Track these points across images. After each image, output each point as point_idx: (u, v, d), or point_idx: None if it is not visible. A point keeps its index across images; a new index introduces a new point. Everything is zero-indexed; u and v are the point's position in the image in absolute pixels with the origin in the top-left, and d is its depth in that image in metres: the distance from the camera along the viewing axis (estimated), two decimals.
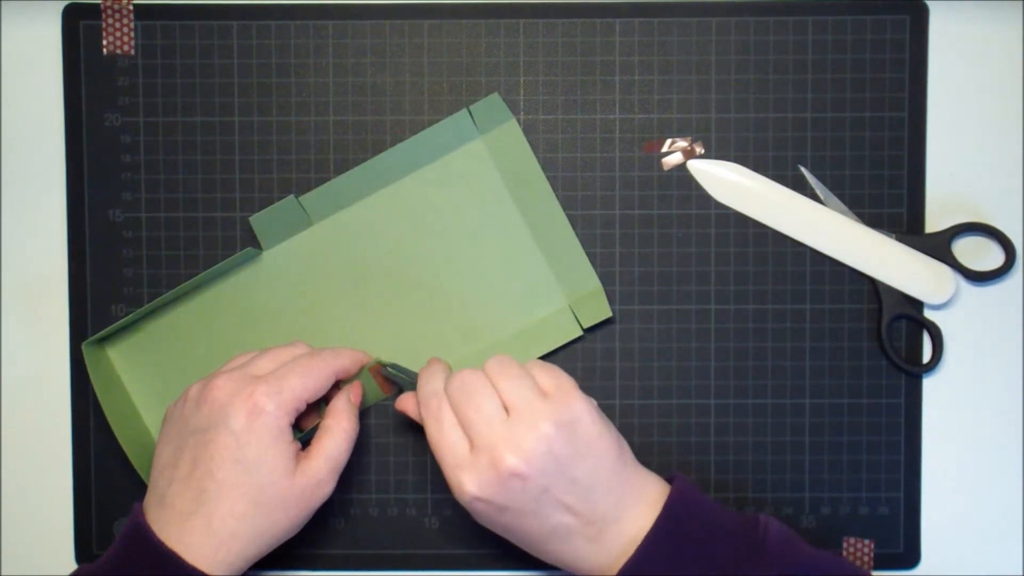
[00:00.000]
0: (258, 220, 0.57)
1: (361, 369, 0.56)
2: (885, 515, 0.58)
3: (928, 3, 0.58)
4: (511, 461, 0.47)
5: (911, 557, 0.58)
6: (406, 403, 0.54)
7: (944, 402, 0.58)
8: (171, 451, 0.51)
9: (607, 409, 0.58)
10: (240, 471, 0.49)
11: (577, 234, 0.58)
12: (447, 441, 0.49)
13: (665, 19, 0.58)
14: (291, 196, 0.57)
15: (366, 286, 0.58)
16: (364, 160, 0.58)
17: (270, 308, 0.58)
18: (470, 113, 0.57)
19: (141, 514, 0.50)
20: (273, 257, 0.58)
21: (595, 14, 0.58)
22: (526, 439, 0.48)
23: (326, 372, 0.53)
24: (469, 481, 0.48)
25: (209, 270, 0.57)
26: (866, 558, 0.58)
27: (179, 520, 0.49)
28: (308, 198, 0.57)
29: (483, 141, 0.57)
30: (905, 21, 0.58)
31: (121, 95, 0.58)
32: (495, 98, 0.57)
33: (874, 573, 0.58)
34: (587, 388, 0.58)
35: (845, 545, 0.58)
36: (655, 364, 0.58)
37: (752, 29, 0.58)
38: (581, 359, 0.58)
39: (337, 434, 0.52)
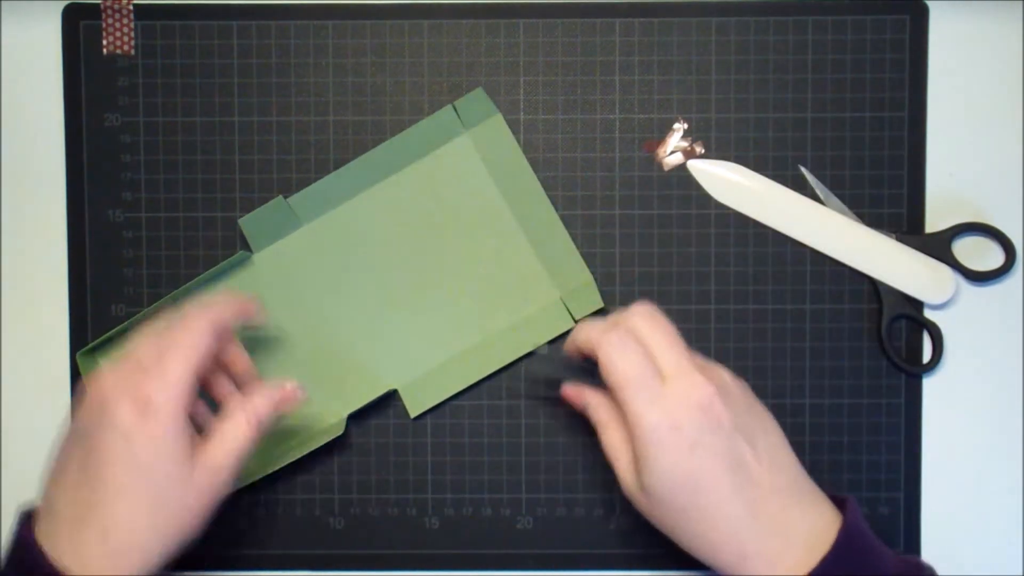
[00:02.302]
0: (248, 222, 0.57)
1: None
2: (885, 515, 0.58)
3: (928, 3, 0.58)
4: (710, 387, 0.46)
5: None
6: (569, 392, 0.53)
7: (944, 402, 0.58)
8: (59, 456, 0.48)
9: None
10: (134, 475, 0.45)
11: (577, 234, 0.58)
12: (637, 367, 0.47)
13: (665, 19, 0.58)
14: (279, 197, 0.57)
15: (357, 285, 0.58)
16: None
17: (263, 310, 0.58)
18: (455, 109, 0.57)
19: (28, 528, 0.46)
20: (264, 259, 0.58)
21: (595, 14, 0.58)
22: (714, 375, 0.48)
23: (205, 339, 0.47)
24: (662, 411, 0.46)
25: (200, 276, 0.57)
26: None
27: (69, 531, 0.45)
28: (296, 199, 0.57)
29: (469, 136, 0.57)
30: (905, 21, 0.58)
31: (121, 95, 0.58)
32: (479, 93, 0.57)
33: None
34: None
35: None
36: None
37: (752, 29, 0.58)
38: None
39: (239, 425, 0.48)
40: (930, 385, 0.58)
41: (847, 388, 0.58)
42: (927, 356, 0.58)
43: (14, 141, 0.59)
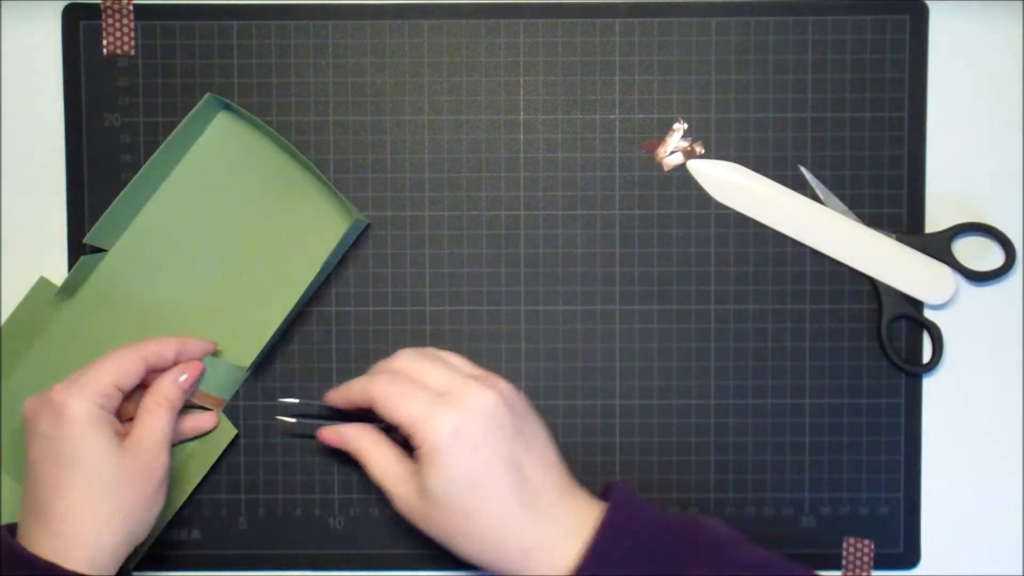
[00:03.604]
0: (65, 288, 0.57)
1: (203, 356, 0.56)
2: (885, 515, 0.58)
3: (928, 3, 0.58)
4: (491, 391, 0.49)
5: (911, 557, 0.58)
6: (326, 434, 0.55)
7: (944, 402, 0.58)
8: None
9: (608, 409, 0.58)
10: (61, 468, 0.49)
11: (577, 234, 0.58)
12: (414, 392, 0.50)
13: (665, 19, 0.58)
14: (82, 258, 0.57)
15: (181, 286, 0.58)
16: (364, 160, 0.58)
17: (94, 352, 0.57)
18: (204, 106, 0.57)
19: (11, 529, 0.51)
20: (89, 291, 0.58)
21: (595, 14, 0.58)
22: (491, 384, 0.50)
23: (130, 358, 0.52)
24: (446, 417, 0.48)
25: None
26: (866, 558, 0.58)
27: (30, 529, 0.50)
28: (94, 231, 0.56)
29: (224, 115, 0.58)
30: (905, 21, 0.58)
31: (121, 95, 0.58)
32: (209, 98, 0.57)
33: (874, 573, 0.58)
34: (587, 388, 0.58)
35: (845, 545, 0.58)
36: (655, 364, 0.58)
37: (752, 29, 0.58)
38: (582, 359, 0.58)
39: (154, 410, 0.53)
40: (930, 385, 0.58)
41: (847, 388, 0.58)
42: (927, 356, 0.58)
43: (14, 141, 0.59)
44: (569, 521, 0.49)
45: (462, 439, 0.48)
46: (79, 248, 0.58)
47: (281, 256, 0.58)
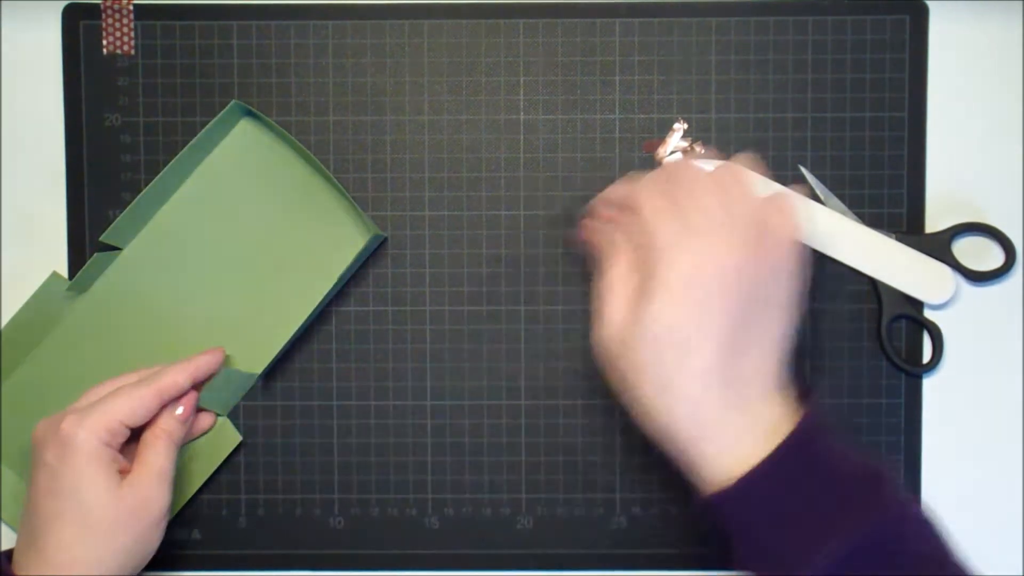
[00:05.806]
0: (78, 283, 0.57)
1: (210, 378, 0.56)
2: None
3: (928, 3, 0.58)
4: (733, 259, 0.46)
5: None
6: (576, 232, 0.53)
7: (944, 402, 0.58)
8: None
9: (607, 409, 0.58)
10: (59, 500, 0.50)
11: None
12: (671, 212, 0.47)
13: (665, 19, 0.58)
14: (96, 254, 0.57)
15: (196, 290, 0.58)
16: (364, 160, 0.58)
17: (103, 348, 0.58)
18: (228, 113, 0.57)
19: (9, 553, 0.52)
20: (97, 292, 0.58)
21: (595, 14, 0.58)
22: (761, 237, 0.47)
23: (145, 395, 0.52)
24: (693, 253, 0.46)
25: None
26: None
27: (23, 557, 0.50)
28: (111, 231, 0.57)
29: (246, 121, 0.58)
30: (905, 21, 0.58)
31: (121, 95, 0.58)
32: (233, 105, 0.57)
33: None
34: (588, 388, 0.58)
35: None
36: None
37: (752, 29, 0.58)
38: (582, 359, 0.58)
39: (154, 444, 0.52)
40: (930, 385, 0.58)
41: (847, 388, 0.58)
42: (927, 356, 0.58)
43: (14, 141, 0.59)
44: (759, 419, 0.46)
45: (693, 285, 0.46)
46: (80, 248, 0.58)
47: (297, 267, 0.58)
